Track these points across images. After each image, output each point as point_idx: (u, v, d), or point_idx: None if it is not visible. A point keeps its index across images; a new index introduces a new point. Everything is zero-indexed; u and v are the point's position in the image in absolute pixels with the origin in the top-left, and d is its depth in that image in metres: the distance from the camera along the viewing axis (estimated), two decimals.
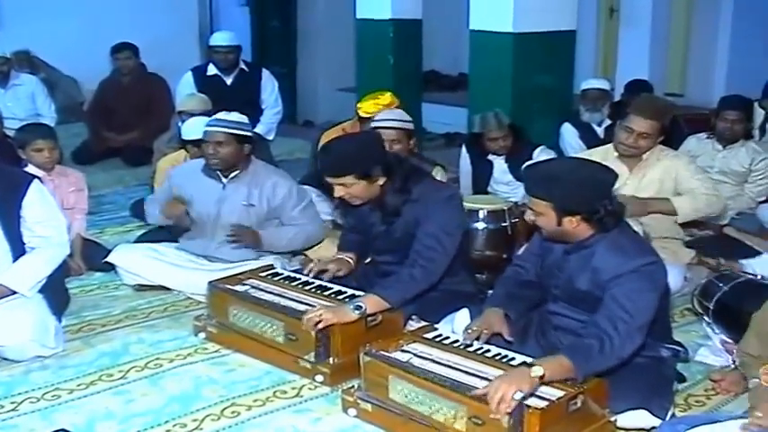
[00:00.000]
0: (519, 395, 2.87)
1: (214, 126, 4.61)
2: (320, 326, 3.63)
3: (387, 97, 5.79)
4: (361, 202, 3.95)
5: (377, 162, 3.86)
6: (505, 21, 6.34)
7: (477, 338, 3.43)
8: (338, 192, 3.87)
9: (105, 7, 9.65)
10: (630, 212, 4.19)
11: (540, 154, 5.63)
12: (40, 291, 3.96)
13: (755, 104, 6.49)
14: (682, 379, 3.63)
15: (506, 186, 5.79)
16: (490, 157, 5.81)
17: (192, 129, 5.31)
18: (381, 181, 3.87)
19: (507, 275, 3.72)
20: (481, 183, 5.84)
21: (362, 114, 5.75)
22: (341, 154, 3.88)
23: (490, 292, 3.86)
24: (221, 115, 4.69)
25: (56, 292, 4.12)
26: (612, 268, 3.16)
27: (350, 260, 4.26)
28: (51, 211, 4.06)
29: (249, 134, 4.71)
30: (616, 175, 3.32)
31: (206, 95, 6.40)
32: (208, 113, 5.38)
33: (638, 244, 3.33)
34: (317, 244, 5.01)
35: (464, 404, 3.01)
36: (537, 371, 2.94)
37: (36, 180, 4.03)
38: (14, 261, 3.91)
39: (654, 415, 3.15)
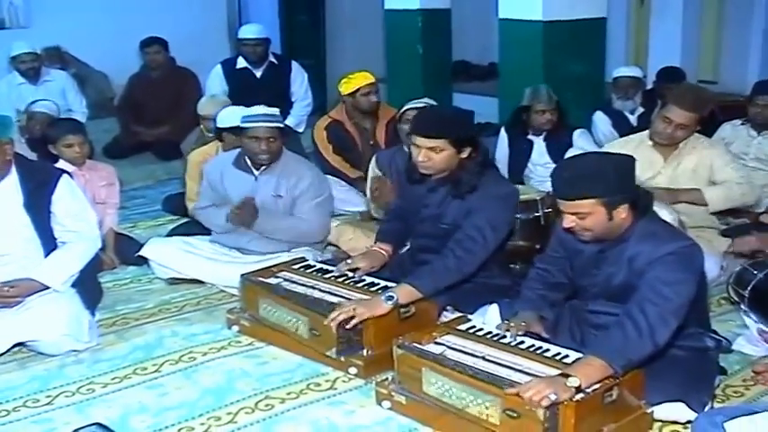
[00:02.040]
0: (553, 397, 2.84)
1: (265, 122, 4.57)
2: (354, 321, 3.61)
3: (361, 75, 5.91)
4: (431, 173, 3.95)
5: (469, 135, 3.93)
6: (535, 9, 6.32)
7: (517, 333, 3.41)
8: (423, 155, 3.87)
9: (135, 2, 9.67)
10: (660, 200, 4.16)
11: (580, 137, 5.74)
12: (73, 285, 3.98)
13: None
14: (723, 372, 3.54)
15: (543, 168, 5.74)
16: (530, 136, 5.83)
17: (229, 117, 5.23)
18: (465, 154, 3.89)
19: (533, 278, 3.68)
20: (519, 164, 5.86)
21: (344, 95, 5.92)
22: (442, 117, 4.05)
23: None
24: (262, 110, 4.63)
25: (88, 286, 4.13)
26: (647, 254, 3.12)
27: (384, 252, 4.23)
28: (82, 206, 4.09)
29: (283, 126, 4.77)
30: (634, 159, 3.28)
31: (235, 89, 6.38)
32: None
33: (670, 229, 3.30)
34: (329, 238, 5.03)
35: (499, 397, 2.98)
36: (573, 381, 2.88)
37: (65, 175, 4.05)
38: (46, 256, 3.94)
39: (691, 409, 3.09)
